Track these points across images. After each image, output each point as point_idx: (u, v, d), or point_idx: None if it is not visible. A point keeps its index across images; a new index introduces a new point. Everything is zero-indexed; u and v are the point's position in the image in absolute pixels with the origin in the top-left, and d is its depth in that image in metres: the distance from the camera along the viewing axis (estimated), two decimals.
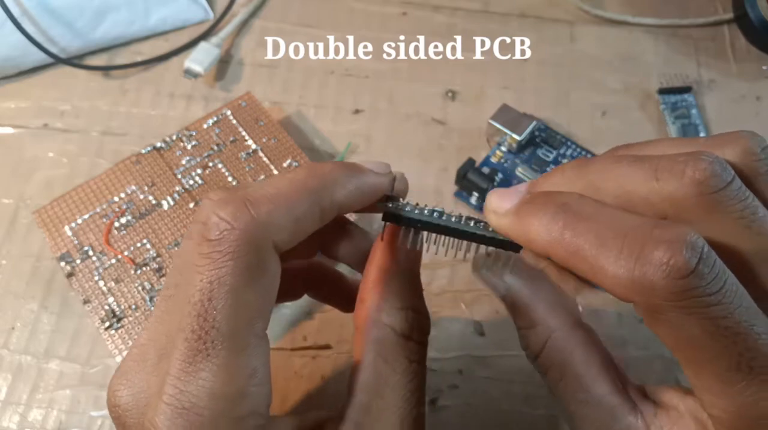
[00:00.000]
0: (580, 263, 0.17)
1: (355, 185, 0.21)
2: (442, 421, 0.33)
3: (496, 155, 0.40)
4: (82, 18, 0.42)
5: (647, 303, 0.16)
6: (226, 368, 0.17)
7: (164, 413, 0.17)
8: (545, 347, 0.21)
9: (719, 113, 0.42)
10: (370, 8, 0.47)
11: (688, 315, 0.16)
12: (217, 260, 0.18)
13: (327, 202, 0.20)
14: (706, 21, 0.46)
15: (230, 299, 0.18)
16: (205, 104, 0.42)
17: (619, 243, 0.16)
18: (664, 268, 0.15)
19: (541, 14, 0.47)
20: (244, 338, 0.18)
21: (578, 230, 0.17)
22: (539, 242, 0.18)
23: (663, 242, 0.16)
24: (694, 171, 0.17)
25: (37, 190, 0.39)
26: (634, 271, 0.16)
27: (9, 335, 0.35)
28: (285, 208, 0.19)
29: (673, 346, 0.17)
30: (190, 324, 0.18)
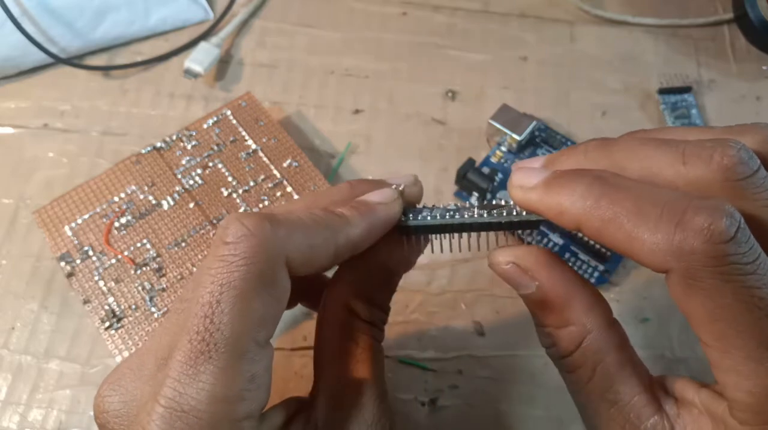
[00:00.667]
0: (615, 231, 0.17)
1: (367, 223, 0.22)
2: (442, 421, 0.33)
3: (496, 155, 0.40)
4: (82, 18, 0.42)
5: (685, 269, 0.16)
6: (227, 373, 0.17)
7: (161, 417, 0.17)
8: (580, 347, 0.20)
9: (719, 113, 0.42)
10: (370, 8, 0.47)
11: (726, 282, 0.16)
12: (231, 263, 0.18)
13: (342, 241, 0.21)
14: (706, 21, 0.46)
15: (238, 304, 0.18)
16: (205, 104, 0.42)
17: (658, 210, 0.17)
18: (705, 232, 0.16)
19: (541, 14, 0.47)
20: (245, 344, 0.18)
21: (615, 198, 0.18)
22: (572, 211, 0.18)
23: (703, 209, 0.16)
24: (722, 157, 0.17)
25: (37, 190, 0.39)
26: (674, 235, 0.16)
27: (9, 335, 0.35)
28: (303, 233, 0.20)
29: (703, 320, 0.17)
30: (196, 325, 0.18)
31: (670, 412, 0.19)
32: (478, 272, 0.36)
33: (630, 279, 0.36)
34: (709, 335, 0.17)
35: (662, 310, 0.35)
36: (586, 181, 0.18)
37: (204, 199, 0.36)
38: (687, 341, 0.34)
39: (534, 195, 0.20)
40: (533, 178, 0.20)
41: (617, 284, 0.36)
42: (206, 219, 0.35)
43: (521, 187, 0.20)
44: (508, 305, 0.35)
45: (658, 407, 0.19)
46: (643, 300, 0.36)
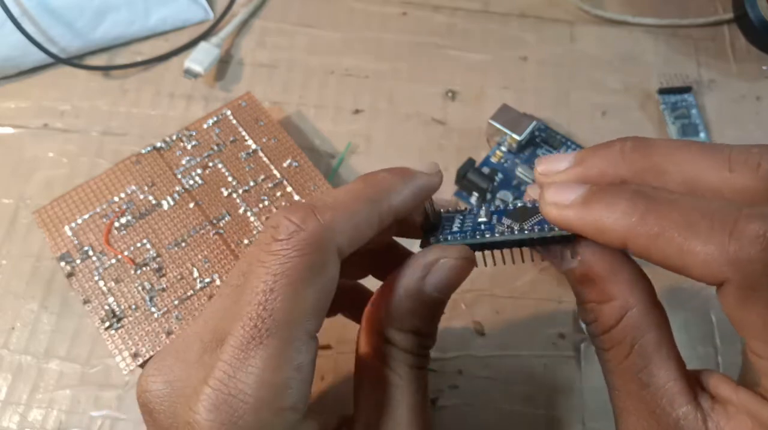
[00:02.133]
0: (665, 246, 0.17)
1: (409, 190, 0.22)
2: (442, 421, 0.33)
3: (496, 155, 0.40)
4: (82, 18, 0.42)
5: (742, 279, 0.16)
6: (276, 358, 0.18)
7: (208, 398, 0.18)
8: (620, 322, 0.19)
9: (719, 113, 0.42)
10: (370, 8, 0.47)
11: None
12: (284, 256, 0.19)
13: (384, 208, 0.21)
14: (706, 21, 0.46)
15: (290, 293, 0.18)
16: (205, 104, 0.42)
17: (709, 221, 0.16)
18: (762, 240, 0.15)
19: (541, 14, 0.47)
20: (296, 333, 0.19)
21: (661, 212, 0.17)
22: (616, 229, 0.18)
23: (756, 217, 0.16)
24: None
25: (37, 190, 0.39)
26: (728, 245, 0.16)
27: (9, 335, 0.35)
28: (347, 214, 0.20)
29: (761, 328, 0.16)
30: (249, 312, 0.18)
31: (704, 404, 0.18)
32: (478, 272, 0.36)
33: None
34: (765, 345, 0.17)
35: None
36: (628, 196, 0.18)
37: (204, 199, 0.36)
38: (687, 340, 0.34)
39: (571, 213, 0.19)
40: (569, 194, 0.19)
41: None
42: (206, 219, 0.35)
43: (555, 204, 0.19)
44: (508, 305, 0.35)
45: (693, 398, 0.18)
46: None
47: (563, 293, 0.36)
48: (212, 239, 0.35)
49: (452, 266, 0.21)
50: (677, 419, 0.18)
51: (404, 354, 0.22)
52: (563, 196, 0.19)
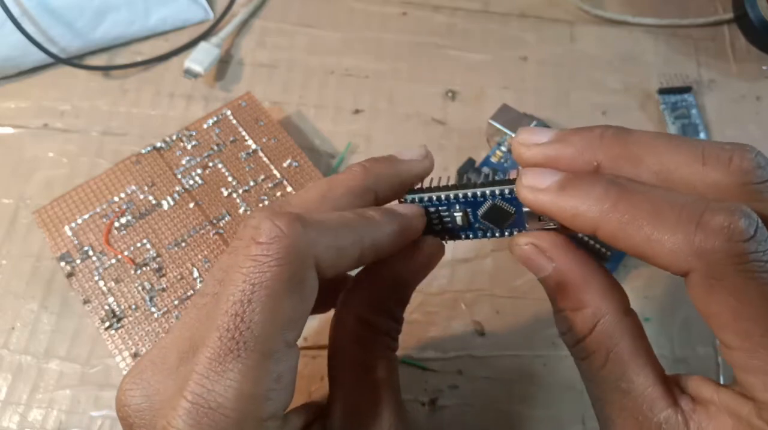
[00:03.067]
0: (634, 233, 0.17)
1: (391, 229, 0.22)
2: (442, 421, 0.33)
3: (496, 155, 0.40)
4: (82, 18, 0.42)
5: (707, 268, 0.16)
6: (255, 371, 0.18)
7: (187, 412, 0.17)
8: (593, 330, 0.20)
9: (719, 113, 0.42)
10: (370, 8, 0.47)
11: (749, 279, 0.16)
12: (263, 263, 0.18)
13: (368, 243, 0.21)
14: (706, 21, 0.46)
15: (269, 304, 0.18)
16: (205, 104, 0.42)
17: (677, 211, 0.17)
18: (726, 231, 0.16)
19: (541, 14, 0.47)
20: (275, 345, 0.18)
21: (633, 200, 0.18)
22: (588, 215, 0.18)
23: (721, 210, 0.16)
24: (741, 160, 0.18)
25: (37, 190, 0.39)
26: (694, 235, 0.16)
27: (9, 335, 0.35)
28: (332, 234, 0.20)
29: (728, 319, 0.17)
30: (226, 323, 0.18)
31: (685, 407, 0.18)
32: (478, 272, 0.36)
33: (630, 279, 0.36)
34: (734, 336, 0.17)
35: (662, 310, 0.35)
36: (602, 184, 0.18)
37: (204, 199, 0.36)
38: (687, 341, 0.34)
39: (546, 197, 0.19)
40: (545, 179, 0.19)
41: None
42: (206, 219, 0.35)
43: (532, 187, 0.20)
44: (508, 305, 0.35)
45: (673, 401, 0.19)
46: (643, 300, 0.36)
47: None
48: (212, 239, 0.35)
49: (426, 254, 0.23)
50: (659, 423, 0.18)
51: (383, 337, 0.22)
52: (540, 181, 0.20)
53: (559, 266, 0.20)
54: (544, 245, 0.21)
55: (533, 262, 0.21)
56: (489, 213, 0.22)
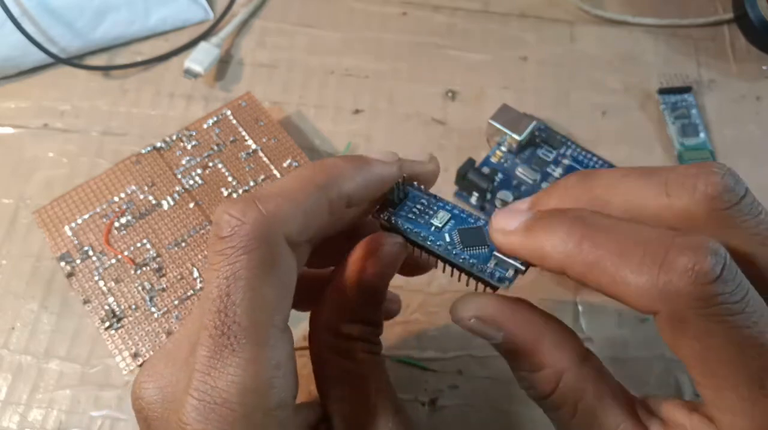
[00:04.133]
0: (599, 275, 0.17)
1: (362, 177, 0.21)
2: (442, 421, 0.33)
3: (496, 155, 0.40)
4: (82, 18, 0.42)
5: (672, 312, 0.16)
6: (253, 362, 0.18)
7: (196, 409, 0.17)
8: (557, 388, 0.19)
9: (719, 113, 0.42)
10: (370, 8, 0.47)
11: (715, 323, 0.15)
12: (231, 255, 0.18)
13: (335, 195, 0.20)
14: (706, 21, 0.46)
15: (248, 293, 0.18)
16: (205, 104, 0.42)
17: (641, 251, 0.16)
18: (690, 273, 0.15)
19: (541, 14, 0.47)
20: (265, 331, 0.18)
21: (597, 240, 0.17)
22: (555, 256, 0.18)
23: (686, 249, 0.15)
24: (706, 185, 0.17)
25: (37, 190, 0.39)
26: (658, 278, 0.16)
27: (9, 335, 0.35)
28: (292, 201, 0.19)
29: (694, 360, 0.16)
30: (212, 320, 0.18)
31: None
32: None
33: None
34: (701, 376, 0.17)
35: None
36: (567, 222, 0.18)
37: (204, 199, 0.36)
38: None
39: (515, 239, 0.19)
40: (513, 221, 0.19)
41: None
42: (206, 219, 0.35)
43: (501, 230, 0.20)
44: None
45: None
46: None
47: (563, 293, 0.36)
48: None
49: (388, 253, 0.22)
50: None
51: (363, 344, 0.22)
52: (508, 223, 0.19)
53: (508, 333, 0.20)
54: (489, 315, 0.20)
55: (481, 333, 0.20)
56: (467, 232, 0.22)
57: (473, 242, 0.21)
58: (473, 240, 0.21)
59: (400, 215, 0.22)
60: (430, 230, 0.22)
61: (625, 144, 0.41)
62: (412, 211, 0.22)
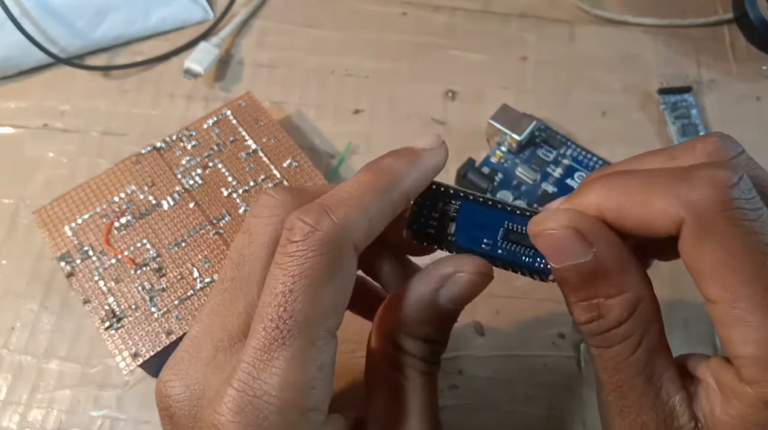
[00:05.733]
0: (629, 203, 0.18)
1: (418, 172, 0.21)
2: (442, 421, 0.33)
3: (496, 155, 0.40)
4: (82, 18, 0.42)
5: (695, 217, 0.17)
6: (299, 359, 0.18)
7: (233, 400, 0.18)
8: (633, 316, 0.18)
9: (719, 113, 0.42)
10: (370, 8, 0.47)
11: (734, 226, 0.16)
12: (300, 257, 0.19)
13: (396, 197, 0.21)
14: (706, 21, 0.46)
15: (310, 293, 0.18)
16: (205, 104, 0.42)
17: (664, 177, 0.18)
18: (711, 179, 0.17)
19: (541, 14, 0.47)
20: (317, 332, 0.19)
21: (625, 179, 0.19)
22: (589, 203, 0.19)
23: (706, 165, 0.17)
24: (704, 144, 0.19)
25: (37, 190, 0.39)
26: (681, 188, 0.17)
27: (9, 335, 0.35)
28: (360, 210, 0.20)
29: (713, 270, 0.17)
30: (270, 313, 0.18)
31: (690, 388, 0.19)
32: None
33: None
34: (718, 287, 0.17)
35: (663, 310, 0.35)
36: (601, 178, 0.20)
37: (204, 199, 0.36)
38: (687, 340, 0.34)
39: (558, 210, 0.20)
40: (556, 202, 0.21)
41: None
42: (206, 219, 0.35)
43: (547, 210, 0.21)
44: (508, 305, 0.35)
45: (682, 384, 0.19)
46: None
47: None
48: (212, 239, 0.35)
49: (468, 281, 0.21)
50: (672, 407, 0.18)
51: (415, 360, 0.22)
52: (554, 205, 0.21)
53: (601, 250, 0.19)
54: (585, 228, 0.19)
55: (569, 249, 0.19)
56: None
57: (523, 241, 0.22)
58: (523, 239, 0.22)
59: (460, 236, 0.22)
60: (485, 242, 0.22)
61: (625, 144, 0.41)
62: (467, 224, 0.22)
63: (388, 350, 0.22)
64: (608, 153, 0.40)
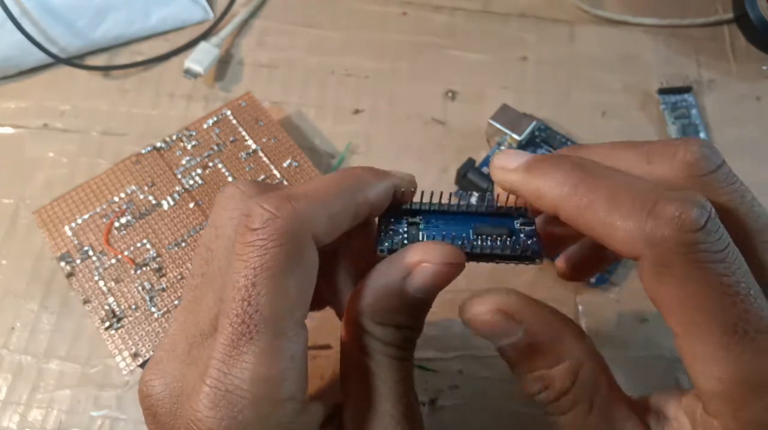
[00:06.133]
0: (591, 217, 0.18)
1: (384, 186, 0.22)
2: (442, 421, 0.33)
3: None
4: (82, 18, 0.42)
5: (657, 256, 0.17)
6: (268, 352, 0.18)
7: (207, 396, 0.18)
8: (576, 382, 0.19)
9: (719, 113, 0.42)
10: (370, 8, 0.47)
11: (696, 269, 0.16)
12: (261, 247, 0.18)
13: (361, 200, 0.21)
14: (706, 21, 0.46)
15: (273, 285, 0.18)
16: (205, 104, 0.42)
17: (632, 198, 0.17)
18: (676, 221, 0.16)
19: (541, 14, 0.47)
20: (285, 324, 0.18)
21: (592, 185, 0.18)
22: (550, 196, 0.19)
23: (675, 200, 0.17)
24: (685, 153, 0.18)
25: (37, 190, 0.39)
26: (646, 224, 0.17)
27: (9, 335, 0.35)
28: (322, 203, 0.20)
29: (674, 307, 0.17)
30: (234, 308, 0.18)
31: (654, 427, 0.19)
32: (478, 273, 0.36)
33: (630, 279, 0.36)
34: (680, 324, 0.17)
35: None
36: (566, 167, 0.19)
37: (204, 199, 0.36)
38: None
39: (514, 177, 0.20)
40: (515, 160, 0.20)
41: (617, 283, 0.36)
42: (206, 219, 0.35)
43: (502, 167, 0.21)
44: None
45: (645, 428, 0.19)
46: (643, 300, 0.35)
47: (563, 292, 0.36)
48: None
49: (435, 272, 0.21)
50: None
51: (386, 346, 0.21)
52: (509, 161, 0.21)
53: (531, 325, 0.19)
54: (512, 307, 0.19)
55: (499, 330, 0.19)
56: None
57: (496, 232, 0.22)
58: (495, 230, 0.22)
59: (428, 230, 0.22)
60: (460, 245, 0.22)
61: None
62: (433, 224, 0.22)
63: (358, 337, 0.21)
64: None
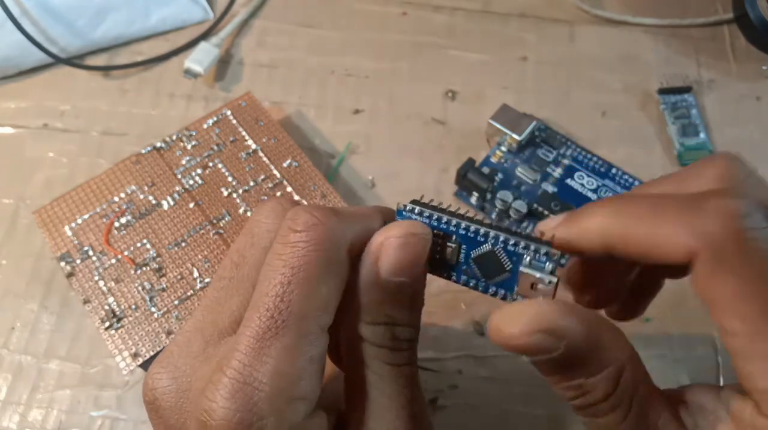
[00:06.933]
0: (636, 227, 0.18)
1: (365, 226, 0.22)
2: (442, 421, 0.33)
3: (496, 155, 0.40)
4: (82, 18, 0.42)
5: (711, 251, 0.17)
6: (291, 350, 0.18)
7: (225, 387, 0.18)
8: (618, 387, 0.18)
9: (719, 113, 0.42)
10: (370, 8, 0.47)
11: (750, 258, 0.16)
12: (302, 248, 0.19)
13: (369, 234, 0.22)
14: (706, 21, 0.46)
15: (307, 287, 0.19)
16: (205, 104, 0.42)
17: (675, 206, 0.18)
18: (724, 210, 0.17)
19: (541, 14, 0.47)
20: (310, 326, 0.19)
21: (633, 204, 0.19)
22: (594, 227, 0.19)
23: (717, 194, 0.17)
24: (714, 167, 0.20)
25: (37, 190, 0.39)
26: (693, 219, 0.17)
27: (9, 335, 0.35)
28: (360, 221, 0.21)
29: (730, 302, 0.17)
30: (266, 303, 0.18)
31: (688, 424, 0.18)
32: None
33: None
34: (737, 319, 0.17)
35: (663, 310, 0.35)
36: (602, 204, 0.20)
37: (204, 199, 0.36)
38: (687, 341, 0.34)
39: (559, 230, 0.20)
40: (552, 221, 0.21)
41: None
42: (206, 219, 0.35)
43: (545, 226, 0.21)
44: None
45: (680, 425, 0.18)
46: None
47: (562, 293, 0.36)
48: (212, 239, 0.35)
49: (399, 245, 0.20)
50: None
51: (379, 350, 0.21)
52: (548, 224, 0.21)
53: (572, 340, 0.17)
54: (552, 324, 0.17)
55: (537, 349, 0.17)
56: (483, 259, 0.21)
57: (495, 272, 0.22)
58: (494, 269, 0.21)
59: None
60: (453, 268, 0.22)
61: (625, 144, 0.41)
62: None
63: (352, 343, 0.21)
64: (608, 153, 0.40)
